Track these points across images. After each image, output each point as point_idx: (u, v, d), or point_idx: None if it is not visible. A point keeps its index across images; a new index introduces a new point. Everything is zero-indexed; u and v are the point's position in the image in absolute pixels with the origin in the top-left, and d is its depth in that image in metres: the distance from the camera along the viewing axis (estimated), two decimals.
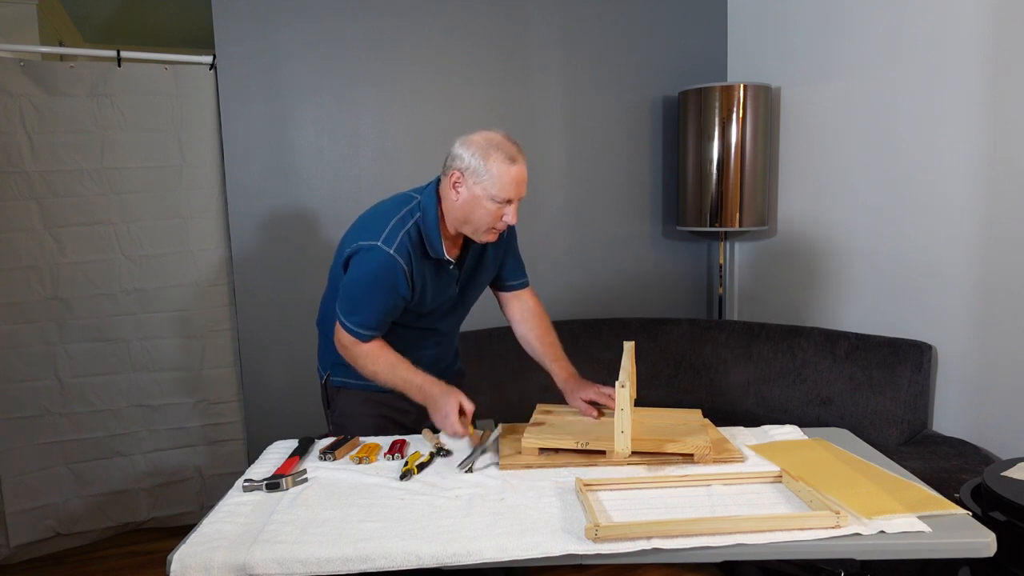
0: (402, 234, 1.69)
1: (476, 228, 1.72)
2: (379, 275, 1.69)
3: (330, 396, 1.98)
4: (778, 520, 1.31)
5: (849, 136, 2.86)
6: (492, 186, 1.65)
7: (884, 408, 2.57)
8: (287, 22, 2.91)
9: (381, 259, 1.67)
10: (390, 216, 1.72)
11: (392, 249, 1.67)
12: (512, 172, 1.65)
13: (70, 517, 2.82)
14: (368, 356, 1.76)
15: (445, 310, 1.88)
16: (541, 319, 2.00)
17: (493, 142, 1.67)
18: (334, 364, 1.93)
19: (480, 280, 1.93)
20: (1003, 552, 1.33)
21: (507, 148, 1.67)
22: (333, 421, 1.97)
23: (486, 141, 1.67)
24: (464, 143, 1.69)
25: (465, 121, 3.16)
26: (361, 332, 1.74)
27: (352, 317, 1.74)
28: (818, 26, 2.98)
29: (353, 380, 1.89)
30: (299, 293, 3.01)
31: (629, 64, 3.36)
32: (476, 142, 1.68)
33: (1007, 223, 2.28)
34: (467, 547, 1.26)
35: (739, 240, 3.51)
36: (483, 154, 1.65)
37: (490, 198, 1.66)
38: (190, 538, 1.32)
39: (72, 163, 2.72)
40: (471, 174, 1.66)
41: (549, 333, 1.99)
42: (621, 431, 1.55)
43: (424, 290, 1.76)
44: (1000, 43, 2.27)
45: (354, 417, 1.91)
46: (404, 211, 1.73)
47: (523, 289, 2.02)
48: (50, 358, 2.76)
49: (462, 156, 1.67)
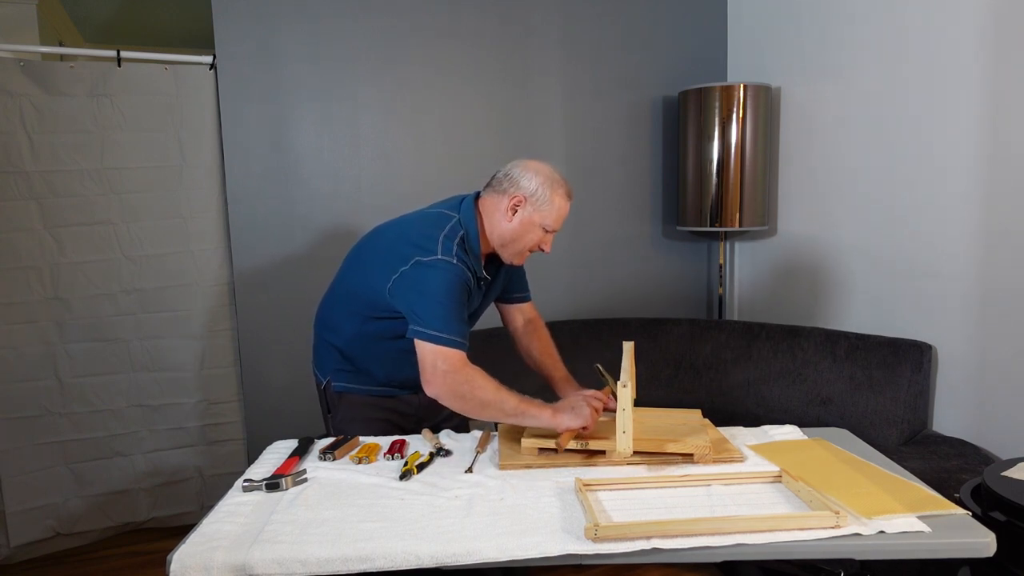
0: (456, 249, 1.69)
1: (516, 251, 1.79)
2: (456, 285, 1.67)
3: (331, 402, 1.96)
4: (778, 520, 1.31)
5: (849, 136, 2.86)
6: (549, 216, 1.75)
7: (884, 408, 2.57)
8: (287, 22, 2.91)
9: (454, 270, 1.67)
10: (434, 232, 1.71)
11: (454, 260, 1.67)
12: (566, 208, 1.79)
13: (70, 517, 2.82)
14: (481, 378, 1.63)
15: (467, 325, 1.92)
16: (543, 332, 2.06)
17: (555, 177, 1.77)
18: (335, 370, 1.92)
19: (492, 296, 1.97)
20: (1003, 552, 1.33)
21: (566, 186, 1.78)
22: (334, 426, 1.96)
23: (551, 173, 1.77)
24: (527, 169, 1.76)
25: (465, 121, 3.16)
26: (460, 341, 1.64)
27: (450, 328, 1.62)
28: (818, 26, 2.98)
29: (356, 385, 1.90)
30: (299, 293, 3.01)
31: (629, 64, 3.36)
32: (543, 172, 1.76)
33: (1007, 223, 2.28)
34: (467, 547, 1.26)
35: (739, 240, 3.51)
36: (549, 186, 1.74)
37: (542, 226, 1.76)
38: (190, 538, 1.32)
39: (72, 163, 2.72)
40: (535, 201, 1.73)
41: (550, 346, 2.04)
42: (623, 431, 1.55)
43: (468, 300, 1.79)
44: (1000, 43, 2.27)
45: (356, 422, 1.91)
46: (448, 228, 1.72)
47: (526, 303, 2.07)
48: (50, 358, 2.76)
49: (528, 183, 1.74)
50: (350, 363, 1.90)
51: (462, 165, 3.17)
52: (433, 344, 1.62)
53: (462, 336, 1.65)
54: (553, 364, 2.00)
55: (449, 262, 1.67)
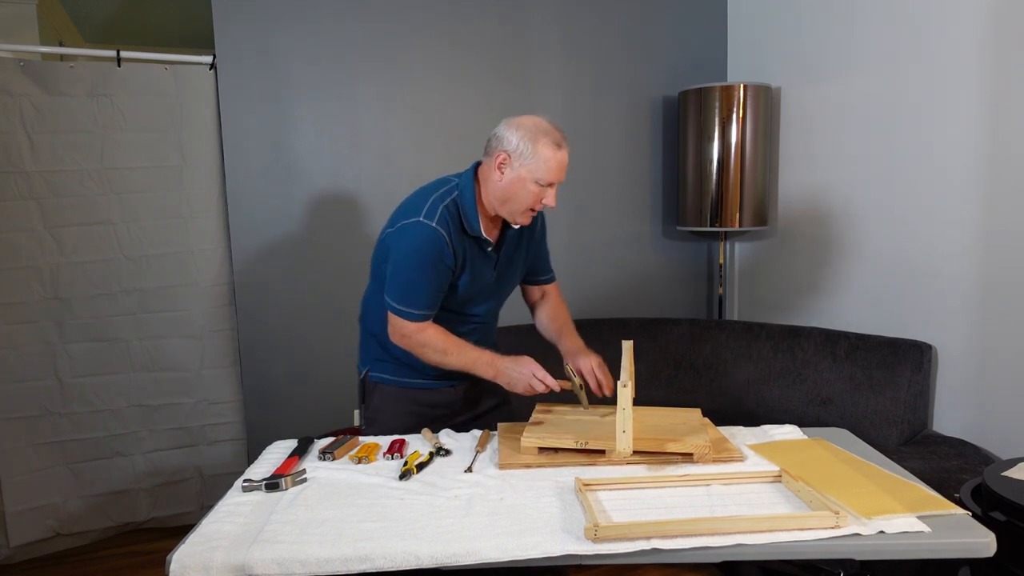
0: (441, 208, 1.73)
1: (514, 209, 1.76)
2: (424, 248, 1.71)
3: (366, 391, 1.99)
4: (778, 520, 1.30)
5: (849, 136, 2.86)
6: (538, 169, 1.69)
7: (884, 408, 2.57)
8: (287, 22, 2.91)
9: (424, 232, 1.70)
10: (429, 195, 1.77)
11: (434, 222, 1.71)
12: (557, 157, 1.70)
13: (70, 517, 2.82)
14: (432, 342, 1.77)
15: (484, 296, 1.90)
16: (554, 302, 2.06)
17: (541, 127, 1.71)
18: (374, 360, 1.95)
19: (515, 270, 1.95)
20: (1003, 552, 1.33)
21: (553, 134, 1.71)
22: (365, 416, 1.99)
23: (534, 125, 1.71)
24: (511, 125, 1.73)
25: (465, 121, 3.16)
26: (415, 313, 1.74)
27: (406, 301, 1.74)
28: (818, 26, 2.98)
29: (389, 376, 1.92)
30: (299, 293, 3.01)
31: (629, 64, 3.36)
32: (524, 125, 1.71)
33: (1007, 223, 2.28)
34: (466, 547, 1.26)
35: (739, 240, 3.51)
36: (531, 138, 1.69)
37: (534, 181, 1.70)
38: (189, 538, 1.32)
39: (72, 163, 2.72)
40: (518, 156, 1.70)
41: (563, 312, 2.03)
42: (623, 431, 1.55)
43: (465, 265, 1.78)
44: (1000, 44, 2.27)
45: (387, 413, 1.93)
46: (443, 190, 1.77)
47: (549, 284, 2.08)
48: (50, 358, 2.76)
49: (509, 138, 1.71)
50: (387, 352, 1.91)
51: (462, 165, 3.13)
52: (392, 313, 1.77)
53: (417, 308, 1.74)
54: (559, 331, 1.97)
55: (425, 224, 1.70)
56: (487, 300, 1.92)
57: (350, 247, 3.06)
